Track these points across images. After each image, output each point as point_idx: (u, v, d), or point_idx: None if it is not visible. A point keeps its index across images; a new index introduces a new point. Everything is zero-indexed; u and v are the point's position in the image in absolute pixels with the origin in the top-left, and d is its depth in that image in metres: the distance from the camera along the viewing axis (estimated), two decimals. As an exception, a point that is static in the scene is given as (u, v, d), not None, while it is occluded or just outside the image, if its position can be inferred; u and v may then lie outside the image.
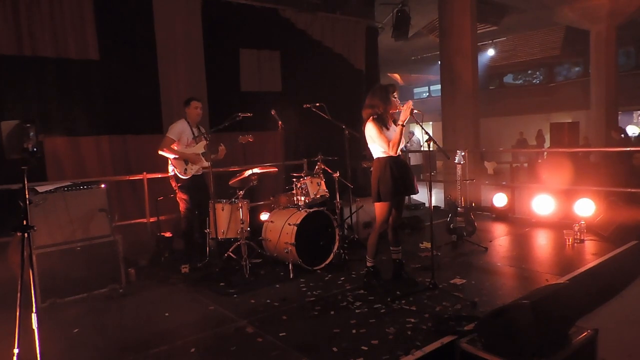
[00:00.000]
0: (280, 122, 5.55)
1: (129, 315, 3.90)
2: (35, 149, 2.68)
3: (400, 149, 4.19)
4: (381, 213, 4.12)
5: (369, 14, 9.10)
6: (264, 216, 5.65)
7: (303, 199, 5.02)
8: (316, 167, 5.34)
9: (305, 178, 5.08)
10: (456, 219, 5.63)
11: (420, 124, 3.96)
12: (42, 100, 5.48)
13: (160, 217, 5.75)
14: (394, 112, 4.10)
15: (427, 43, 16.77)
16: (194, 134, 5.23)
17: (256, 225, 5.60)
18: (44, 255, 4.06)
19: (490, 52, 19.59)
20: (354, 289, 4.26)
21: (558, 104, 20.94)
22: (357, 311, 3.73)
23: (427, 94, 27.76)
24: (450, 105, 9.24)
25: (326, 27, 8.11)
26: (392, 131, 4.07)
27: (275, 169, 5.59)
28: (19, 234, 2.53)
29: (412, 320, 3.47)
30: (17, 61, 5.29)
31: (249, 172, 5.11)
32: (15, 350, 2.44)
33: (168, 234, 5.52)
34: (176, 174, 5.14)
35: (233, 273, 4.77)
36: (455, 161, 5.49)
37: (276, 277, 4.69)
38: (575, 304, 3.10)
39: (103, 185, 4.58)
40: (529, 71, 24.14)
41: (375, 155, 4.14)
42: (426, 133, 4.02)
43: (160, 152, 5.12)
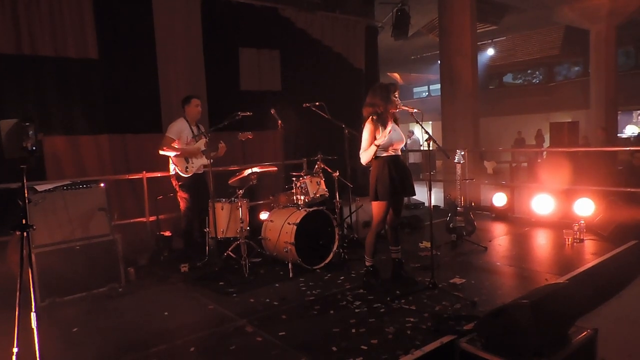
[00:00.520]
0: (279, 121, 5.55)
1: (128, 315, 3.90)
2: (34, 148, 2.67)
3: (400, 149, 4.19)
4: (378, 212, 4.12)
5: (368, 13, 9.10)
6: (264, 215, 5.65)
7: (303, 198, 5.01)
8: (316, 167, 5.33)
9: (304, 177, 5.08)
10: (456, 218, 5.63)
11: (420, 123, 3.96)
12: (41, 99, 5.48)
13: (159, 216, 5.75)
14: (395, 112, 4.10)
15: (427, 42, 16.78)
16: (193, 132, 5.23)
17: (256, 225, 5.60)
18: (43, 255, 4.04)
19: (490, 52, 19.58)
20: (353, 288, 4.25)
21: (557, 104, 20.94)
22: (357, 310, 3.72)
23: (427, 94, 27.78)
24: (450, 104, 9.25)
25: (326, 26, 8.11)
26: (392, 130, 4.05)
27: (275, 168, 5.59)
28: (18, 233, 2.52)
29: (412, 319, 3.47)
30: (16, 60, 5.28)
31: (248, 171, 5.10)
32: (15, 350, 2.43)
33: (167, 233, 5.52)
34: (177, 172, 5.13)
35: (232, 272, 4.76)
36: (455, 160, 5.49)
37: (276, 277, 4.69)
38: (575, 304, 3.10)
39: (102, 184, 4.57)
40: (529, 71, 24.14)
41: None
42: (426, 132, 4.01)
43: (161, 152, 5.12)
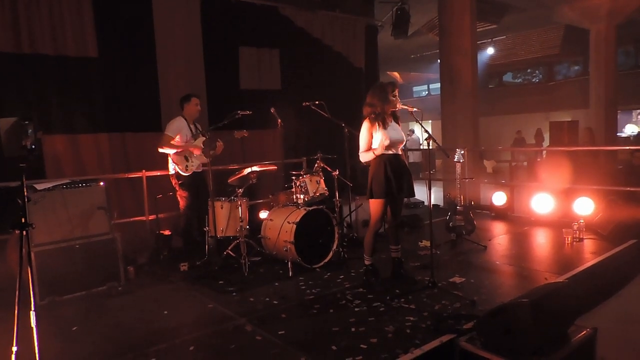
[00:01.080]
0: (279, 120, 5.54)
1: (128, 313, 3.90)
2: (33, 146, 2.68)
3: (401, 149, 4.19)
4: (375, 211, 4.12)
5: (368, 12, 9.10)
6: (263, 214, 5.65)
7: (302, 197, 5.01)
8: (315, 165, 5.33)
9: (304, 176, 5.07)
10: (455, 217, 5.63)
11: (420, 122, 3.95)
12: (41, 97, 5.47)
13: (159, 215, 5.74)
14: (395, 110, 4.10)
15: (427, 41, 16.76)
16: (192, 131, 5.22)
17: (255, 223, 5.59)
18: (43, 253, 4.04)
19: (490, 51, 19.54)
20: (353, 287, 4.25)
21: (557, 103, 20.91)
22: (356, 309, 3.72)
23: (427, 93, 27.74)
24: (450, 103, 9.24)
25: (326, 25, 8.10)
26: (392, 129, 4.06)
27: (275, 167, 5.59)
28: (17, 232, 2.52)
29: (411, 318, 3.47)
30: (16, 58, 5.27)
31: (248, 170, 5.10)
32: (14, 348, 2.43)
33: (167, 232, 5.51)
34: (177, 171, 5.13)
35: (232, 271, 4.76)
36: (455, 160, 5.48)
37: (275, 275, 4.68)
38: (575, 303, 3.10)
39: (102, 183, 4.57)
40: (529, 70, 24.12)
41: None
42: (426, 131, 4.01)
43: (160, 150, 5.12)
